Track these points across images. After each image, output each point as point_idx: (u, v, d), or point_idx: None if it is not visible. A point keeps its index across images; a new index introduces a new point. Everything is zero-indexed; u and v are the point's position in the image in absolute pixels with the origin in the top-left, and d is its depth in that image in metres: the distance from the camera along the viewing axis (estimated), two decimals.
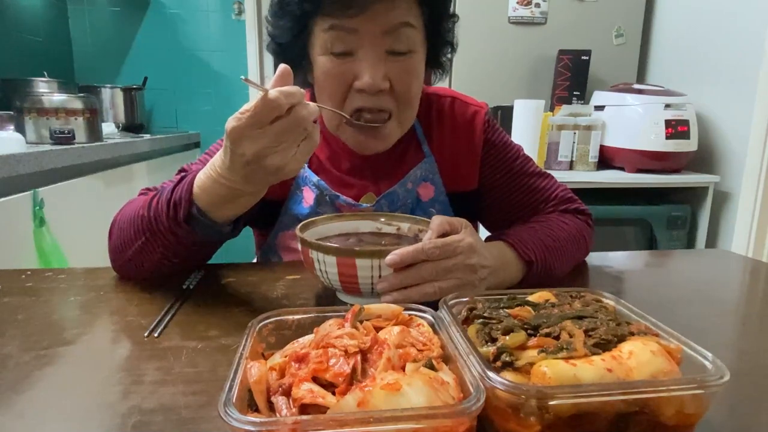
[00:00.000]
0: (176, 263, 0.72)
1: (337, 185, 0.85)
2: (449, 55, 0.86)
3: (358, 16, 0.69)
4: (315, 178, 0.84)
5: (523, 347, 0.40)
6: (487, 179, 0.90)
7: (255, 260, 1.01)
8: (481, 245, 0.64)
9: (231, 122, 0.54)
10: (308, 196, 0.85)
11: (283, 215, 0.86)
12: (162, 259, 0.70)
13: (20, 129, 1.69)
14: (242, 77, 0.56)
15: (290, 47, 0.78)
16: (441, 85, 0.97)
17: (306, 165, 0.85)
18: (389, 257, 0.58)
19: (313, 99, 0.83)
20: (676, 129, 1.94)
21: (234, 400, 0.33)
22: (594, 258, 0.88)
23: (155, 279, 0.74)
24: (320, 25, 0.72)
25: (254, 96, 0.54)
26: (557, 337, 0.40)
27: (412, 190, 0.87)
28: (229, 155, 0.57)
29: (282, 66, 0.56)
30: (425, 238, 0.65)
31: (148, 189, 0.79)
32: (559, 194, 0.88)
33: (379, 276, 0.60)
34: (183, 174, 0.73)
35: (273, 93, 0.52)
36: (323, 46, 0.73)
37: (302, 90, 0.55)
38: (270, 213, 0.87)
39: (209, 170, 0.62)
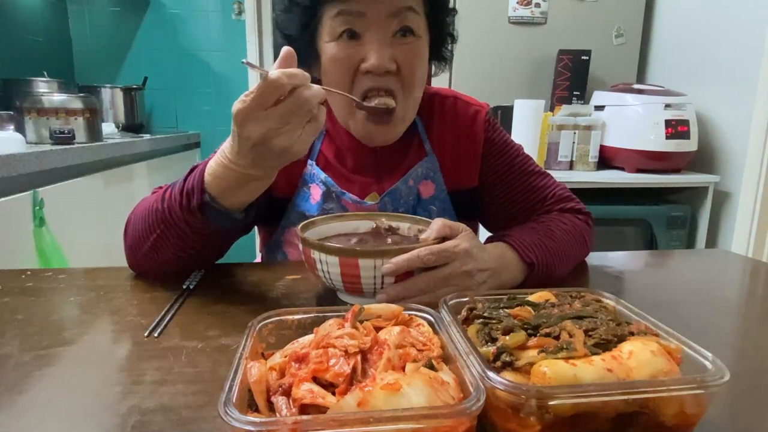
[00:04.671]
0: (192, 255, 0.71)
1: (342, 182, 0.87)
2: (450, 47, 0.89)
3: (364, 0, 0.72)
4: (323, 175, 0.85)
5: (523, 347, 0.40)
6: (488, 177, 0.91)
7: (259, 258, 1.02)
8: (479, 249, 0.65)
9: (236, 105, 0.55)
10: (315, 193, 0.86)
11: (290, 212, 0.88)
12: (178, 251, 0.70)
13: (20, 129, 1.69)
14: (243, 60, 0.57)
15: (299, 39, 0.80)
16: (442, 85, 0.98)
17: (314, 162, 0.87)
18: (385, 267, 0.59)
19: None
20: (676, 129, 1.94)
21: (234, 400, 0.33)
22: (594, 258, 0.88)
23: (156, 277, 0.74)
24: (328, 13, 0.75)
25: (255, 83, 0.54)
26: (557, 337, 0.40)
27: (414, 188, 0.88)
28: (236, 139, 0.58)
29: (285, 48, 0.56)
30: (424, 236, 0.66)
31: (161, 187, 0.79)
32: (557, 193, 0.89)
33: (382, 276, 0.60)
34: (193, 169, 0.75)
35: (274, 74, 0.53)
36: (331, 32, 0.75)
37: (306, 72, 0.56)
38: (277, 210, 0.88)
39: (219, 157, 0.62)
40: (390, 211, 0.86)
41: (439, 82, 2.25)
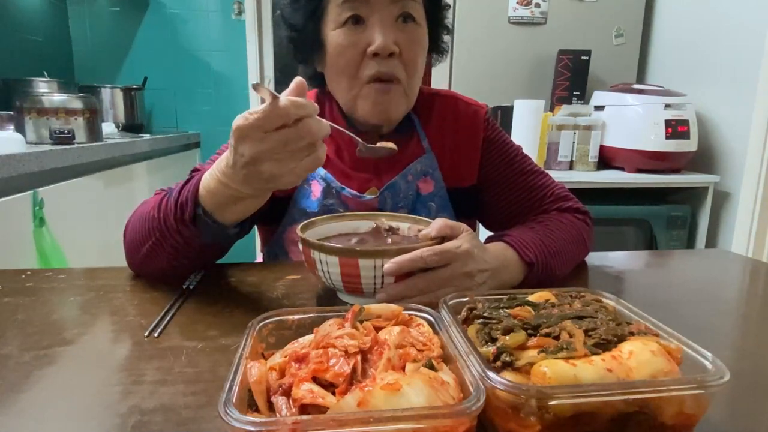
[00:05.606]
0: (186, 264, 0.72)
1: (342, 178, 0.87)
2: (446, 39, 0.92)
3: None
4: (322, 171, 0.87)
5: (523, 347, 0.40)
6: (486, 175, 0.92)
7: (260, 257, 1.02)
8: (480, 249, 0.65)
9: (238, 120, 0.55)
10: (315, 190, 0.87)
11: (292, 209, 0.88)
12: (172, 260, 0.70)
13: (20, 129, 1.69)
14: (253, 83, 0.55)
15: (304, 29, 0.83)
16: (442, 86, 0.99)
17: None
18: (387, 266, 0.58)
19: (322, 89, 0.88)
20: (676, 129, 1.94)
21: (234, 400, 0.33)
22: (594, 258, 0.88)
23: (155, 279, 0.74)
24: (334, 1, 0.79)
25: (255, 97, 0.54)
26: (557, 337, 0.40)
27: (413, 183, 0.89)
28: (232, 152, 0.58)
29: (297, 78, 0.56)
30: (424, 232, 0.66)
31: (163, 189, 0.80)
32: (556, 192, 0.90)
33: (382, 276, 0.60)
34: (193, 174, 0.75)
35: (284, 101, 0.53)
36: (336, 19, 0.79)
37: (316, 105, 0.56)
38: (278, 209, 0.88)
39: (215, 171, 0.62)
40: (389, 205, 0.88)
41: (439, 82, 2.26)
